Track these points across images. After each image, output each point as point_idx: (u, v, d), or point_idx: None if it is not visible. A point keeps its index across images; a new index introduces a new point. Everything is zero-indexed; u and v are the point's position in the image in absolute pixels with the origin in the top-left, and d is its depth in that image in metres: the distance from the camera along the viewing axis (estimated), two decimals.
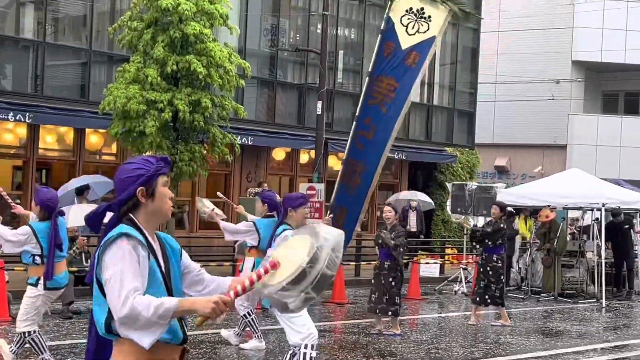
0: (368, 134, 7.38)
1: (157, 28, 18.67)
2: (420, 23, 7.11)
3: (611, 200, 20.43)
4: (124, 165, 3.94)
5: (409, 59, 7.09)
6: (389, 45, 7.17)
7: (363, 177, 7.52)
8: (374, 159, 7.42)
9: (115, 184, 3.94)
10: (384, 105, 7.22)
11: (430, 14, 7.14)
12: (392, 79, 7.11)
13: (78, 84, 22.37)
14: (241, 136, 22.85)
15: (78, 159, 22.22)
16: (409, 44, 7.10)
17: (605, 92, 41.03)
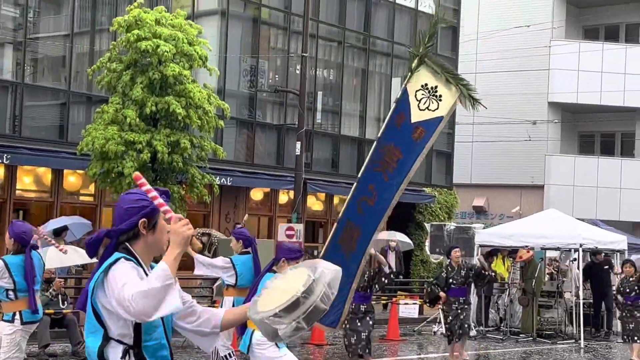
0: (370, 200, 7.42)
1: (136, 69, 18.73)
2: (431, 100, 7.24)
3: (588, 240, 20.52)
4: (127, 195, 3.94)
5: (415, 133, 7.19)
6: (400, 116, 7.28)
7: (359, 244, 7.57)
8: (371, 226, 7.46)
9: (116, 212, 3.92)
10: (386, 174, 7.27)
11: (442, 93, 7.28)
12: (398, 150, 7.20)
13: (57, 125, 22.35)
14: (220, 177, 22.86)
15: (56, 200, 22.12)
16: (417, 118, 7.21)
17: (582, 133, 41.38)
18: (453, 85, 7.36)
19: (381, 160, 7.43)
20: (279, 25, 27.37)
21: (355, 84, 29.82)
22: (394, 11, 30.38)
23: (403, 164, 7.38)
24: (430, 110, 7.39)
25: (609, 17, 40.22)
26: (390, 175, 7.40)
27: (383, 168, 7.44)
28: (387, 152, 7.38)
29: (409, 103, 7.37)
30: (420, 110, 7.33)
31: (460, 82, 7.45)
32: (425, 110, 7.36)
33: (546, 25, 37.45)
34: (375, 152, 7.49)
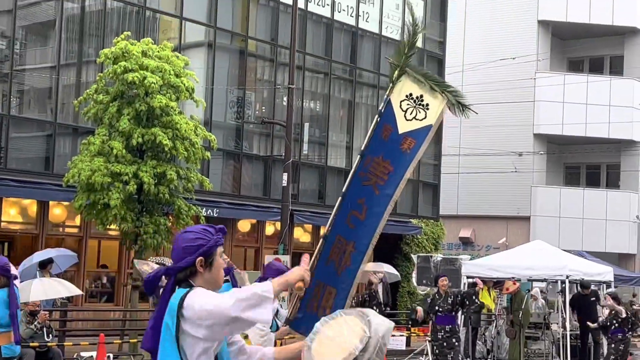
0: (360, 214, 7.34)
1: (123, 101, 18.73)
2: (418, 110, 7.20)
3: (575, 272, 20.53)
4: (184, 234, 4.03)
5: (405, 144, 7.14)
6: (387, 128, 7.23)
7: (353, 258, 7.47)
8: (365, 240, 7.39)
9: (174, 250, 4.00)
10: (377, 187, 7.21)
11: (428, 102, 7.24)
12: (387, 162, 7.14)
13: (42, 157, 22.28)
14: (206, 208, 22.81)
15: (41, 232, 22.00)
16: (405, 129, 7.16)
17: (567, 164, 41.57)
18: (439, 93, 7.34)
19: (369, 173, 7.40)
20: (266, 57, 27.47)
21: (342, 115, 29.90)
22: (380, 43, 30.55)
23: (393, 176, 7.35)
24: (418, 120, 7.36)
25: (593, 49, 40.57)
26: (380, 188, 7.37)
27: (373, 181, 7.40)
28: (376, 165, 7.34)
29: (394, 114, 7.33)
30: (407, 120, 7.30)
31: (446, 88, 7.44)
32: (413, 120, 7.33)
33: (531, 57, 37.73)
34: (361, 165, 7.45)
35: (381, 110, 7.38)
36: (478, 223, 38.78)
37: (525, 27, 38.63)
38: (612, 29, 38.99)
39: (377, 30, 30.36)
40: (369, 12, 30.14)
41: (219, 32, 25.71)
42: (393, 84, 7.32)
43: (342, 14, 29.19)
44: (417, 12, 31.93)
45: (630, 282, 26.85)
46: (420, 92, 7.29)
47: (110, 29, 23.11)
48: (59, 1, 22.43)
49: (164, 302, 3.87)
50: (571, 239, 35.65)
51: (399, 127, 7.27)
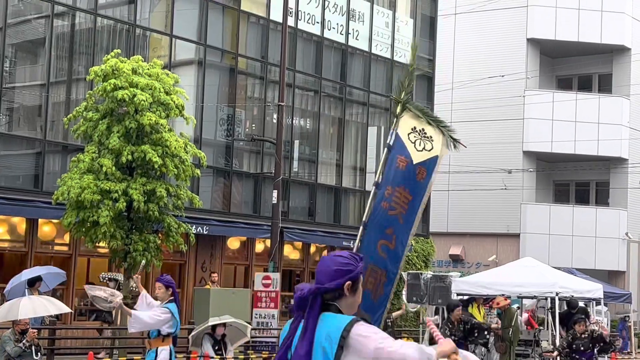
0: (390, 244, 7.54)
1: (113, 118, 18.72)
2: (425, 142, 7.45)
3: (565, 289, 20.57)
4: (335, 257, 4.19)
5: (419, 174, 7.36)
6: (402, 159, 7.44)
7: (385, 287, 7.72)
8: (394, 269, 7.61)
9: (323, 271, 4.15)
10: (401, 217, 7.42)
11: (431, 134, 7.50)
12: (407, 192, 7.34)
13: (32, 174, 22.22)
14: (196, 225, 22.78)
15: (30, 250, 21.91)
16: (419, 159, 7.40)
17: (557, 181, 41.68)
18: (435, 127, 7.56)
19: (394, 203, 7.54)
20: (256, 74, 27.51)
21: (332, 133, 29.94)
22: (369, 61, 30.64)
23: (413, 205, 7.53)
24: (427, 151, 7.59)
25: (582, 67, 40.78)
26: (404, 217, 7.56)
27: (398, 211, 7.56)
28: (399, 196, 7.50)
29: (405, 146, 7.53)
30: (418, 151, 7.51)
31: (439, 124, 7.65)
32: (423, 151, 7.55)
33: (520, 75, 37.90)
34: (382, 196, 7.58)
35: (390, 143, 7.56)
36: (468, 240, 38.81)
37: (515, 45, 38.82)
38: (601, 47, 39.20)
39: (366, 48, 30.47)
40: (359, 30, 30.25)
41: (209, 49, 25.75)
42: (397, 119, 7.52)
43: (332, 31, 29.29)
44: (407, 31, 32.08)
45: (620, 299, 26.86)
46: (422, 126, 7.54)
47: (100, 47, 23.12)
48: (49, 19, 22.45)
49: (313, 321, 4.02)
50: (561, 256, 35.69)
51: (412, 158, 7.48)
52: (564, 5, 38.35)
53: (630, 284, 37.87)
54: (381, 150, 31.40)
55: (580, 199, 40.83)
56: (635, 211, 39.00)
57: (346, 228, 29.20)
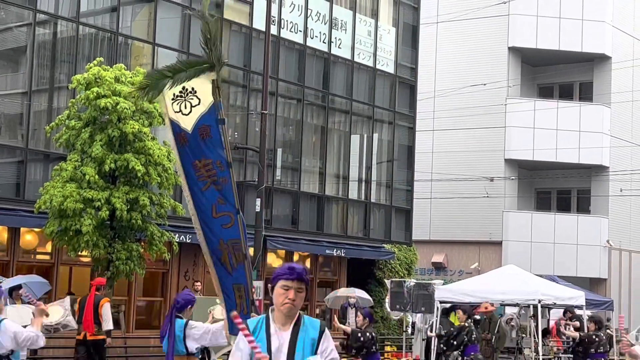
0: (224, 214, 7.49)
1: (95, 127, 18.67)
2: (188, 100, 7.15)
3: (547, 296, 20.64)
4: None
5: (202, 134, 7.15)
6: (181, 136, 7.22)
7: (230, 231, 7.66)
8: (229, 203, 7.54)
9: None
10: (215, 184, 7.32)
11: (192, 85, 7.17)
12: (204, 159, 7.20)
13: (13, 183, 22.12)
14: (179, 234, 22.71)
15: (12, 259, 21.79)
16: (192, 123, 7.15)
17: (538, 189, 41.86)
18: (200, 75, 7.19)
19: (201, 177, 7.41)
20: (239, 82, 27.51)
21: (315, 141, 29.97)
22: (352, 69, 30.71)
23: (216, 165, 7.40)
24: (195, 107, 7.24)
25: (563, 75, 41.04)
26: (218, 183, 7.46)
27: (211, 181, 7.42)
28: (201, 168, 7.36)
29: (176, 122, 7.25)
30: (185, 115, 7.21)
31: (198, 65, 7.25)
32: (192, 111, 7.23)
33: (502, 83, 38.10)
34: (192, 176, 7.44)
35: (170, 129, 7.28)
36: (450, 248, 38.91)
37: (496, 54, 39.01)
38: (582, 56, 39.46)
39: (349, 56, 30.53)
40: (341, 39, 30.32)
41: (191, 58, 25.70)
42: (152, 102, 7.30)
43: (314, 40, 29.34)
44: (389, 39, 32.18)
45: (602, 306, 26.97)
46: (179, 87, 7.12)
47: (83, 55, 23.06)
48: (31, 27, 22.38)
49: None
50: (543, 264, 35.83)
51: (186, 127, 7.17)
52: (545, 14, 38.59)
53: (611, 291, 38.06)
54: (364, 158, 31.51)
55: (562, 206, 41.03)
56: (617, 218, 39.24)
57: (329, 236, 29.23)
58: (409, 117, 33.13)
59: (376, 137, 31.80)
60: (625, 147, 39.55)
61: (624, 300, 38.93)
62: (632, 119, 40.43)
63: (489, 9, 37.87)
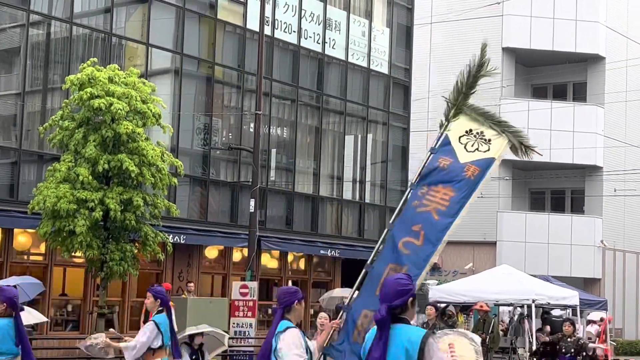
0: (417, 240, 7.54)
1: (89, 127, 18.64)
2: (480, 143, 7.49)
3: (541, 296, 20.69)
4: (397, 279, 5.32)
5: (468, 171, 7.39)
6: (443, 159, 7.47)
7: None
8: (415, 268, 7.58)
9: (388, 292, 5.23)
10: (436, 212, 7.39)
11: (490, 137, 7.51)
12: (448, 189, 7.37)
13: (7, 184, 22.08)
14: (173, 234, 22.70)
15: (5, 260, 21.75)
16: (468, 159, 7.44)
17: (532, 189, 41.90)
18: (499, 133, 7.57)
19: (426, 200, 7.52)
20: (233, 83, 27.51)
21: (309, 142, 29.97)
22: (346, 70, 30.72)
23: (454, 202, 7.51)
24: (481, 152, 7.61)
25: (557, 76, 41.09)
26: (440, 213, 7.51)
27: (431, 207, 7.51)
28: (434, 193, 7.51)
29: (452, 149, 7.58)
30: (468, 152, 7.56)
31: (507, 129, 7.68)
32: (475, 152, 7.59)
33: (496, 84, 38.11)
34: (414, 196, 7.56)
35: (434, 147, 7.57)
36: (445, 248, 38.73)
37: (490, 54, 38.59)
38: (575, 56, 39.52)
39: (343, 57, 30.55)
40: (335, 39, 30.33)
41: (185, 58, 25.73)
42: (448, 122, 7.55)
43: (308, 40, 29.34)
44: (383, 40, 32.20)
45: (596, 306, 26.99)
46: (481, 129, 7.55)
47: (76, 56, 23.03)
48: (24, 28, 22.34)
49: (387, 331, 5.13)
50: (537, 264, 35.87)
51: (459, 157, 7.48)
52: (538, 14, 38.64)
53: (605, 291, 38.11)
54: (358, 159, 31.51)
55: (556, 206, 41.08)
56: (610, 219, 39.30)
57: (323, 237, 29.23)
58: (403, 118, 33.15)
59: (370, 138, 31.82)
60: (619, 147, 39.61)
61: (618, 300, 39.00)
62: (626, 119, 40.50)
63: (483, 9, 37.88)
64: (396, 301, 5.19)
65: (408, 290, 5.27)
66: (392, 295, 5.22)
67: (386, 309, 5.17)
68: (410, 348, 5.11)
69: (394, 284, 5.28)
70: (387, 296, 5.23)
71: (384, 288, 5.28)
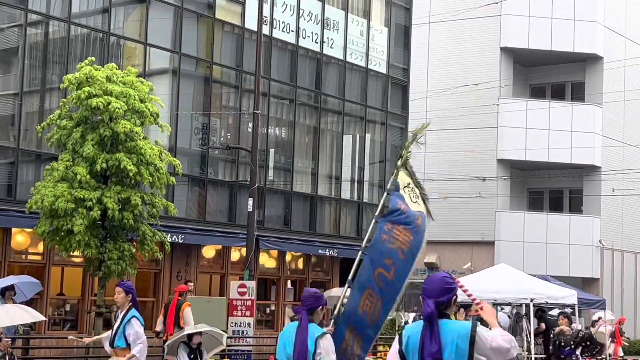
0: (388, 274, 7.93)
1: (87, 126, 18.63)
2: (416, 196, 8.11)
3: (539, 295, 20.68)
4: (442, 277, 5.64)
5: (418, 220, 7.91)
6: (402, 203, 8.01)
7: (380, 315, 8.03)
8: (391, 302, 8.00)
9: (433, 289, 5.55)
10: (401, 252, 7.78)
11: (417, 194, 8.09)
12: (408, 232, 7.84)
13: (5, 184, 22.06)
14: (171, 234, 22.69)
15: (3, 259, 21.73)
16: (414, 208, 7.95)
17: (531, 189, 41.90)
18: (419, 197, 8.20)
19: (393, 238, 7.96)
20: (231, 83, 27.50)
21: (307, 142, 29.97)
22: (344, 69, 30.72)
23: (411, 247, 7.98)
24: (418, 205, 8.18)
25: (555, 76, 41.10)
26: (405, 253, 7.93)
27: (397, 246, 7.98)
28: (398, 233, 7.94)
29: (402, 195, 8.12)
30: (412, 202, 8.22)
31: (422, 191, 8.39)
32: (416, 204, 8.13)
33: (494, 84, 38.13)
34: (381, 229, 7.98)
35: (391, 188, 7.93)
36: (443, 248, 38.91)
37: (488, 54, 39.05)
38: (573, 56, 39.53)
39: (341, 56, 30.55)
40: (334, 39, 30.33)
41: (183, 58, 25.72)
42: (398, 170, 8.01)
43: (306, 40, 29.34)
44: (381, 39, 32.19)
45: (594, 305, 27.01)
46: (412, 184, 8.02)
47: (74, 56, 23.02)
48: (22, 27, 22.33)
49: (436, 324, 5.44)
50: (535, 264, 35.86)
51: (410, 205, 7.90)
52: (537, 14, 38.65)
53: (604, 291, 38.13)
54: (356, 158, 31.51)
55: (554, 206, 41.09)
56: (609, 218, 39.32)
57: (322, 236, 29.23)
58: (401, 118, 33.15)
59: (368, 138, 31.82)
60: (617, 147, 39.63)
61: (616, 299, 39.02)
62: (624, 119, 40.52)
63: (481, 9, 37.90)
64: (442, 298, 5.52)
65: (452, 288, 5.60)
66: (438, 292, 5.54)
67: (434, 304, 5.48)
68: (460, 342, 5.40)
69: (440, 282, 5.60)
70: (432, 292, 5.54)
71: (429, 285, 5.60)
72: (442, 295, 5.53)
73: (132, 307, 10.54)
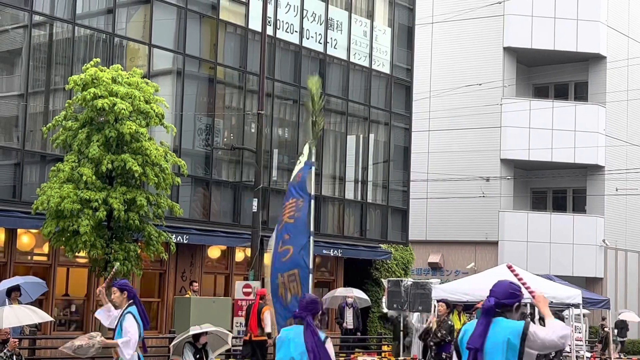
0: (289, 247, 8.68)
1: (92, 127, 18.68)
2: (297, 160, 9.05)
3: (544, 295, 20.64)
4: (511, 284, 6.01)
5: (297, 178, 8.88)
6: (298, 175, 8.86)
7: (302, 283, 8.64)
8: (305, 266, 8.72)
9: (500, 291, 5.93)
10: (293, 219, 8.66)
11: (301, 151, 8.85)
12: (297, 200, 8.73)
13: (10, 185, 22.12)
14: (176, 234, 22.73)
15: (9, 260, 21.79)
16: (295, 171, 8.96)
17: (534, 189, 41.94)
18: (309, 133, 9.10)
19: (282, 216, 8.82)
20: (235, 84, 27.54)
21: None
22: (348, 70, 30.76)
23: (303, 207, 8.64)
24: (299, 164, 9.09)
25: (558, 75, 41.13)
26: (295, 218, 8.65)
27: (289, 216, 8.69)
28: (290, 205, 8.71)
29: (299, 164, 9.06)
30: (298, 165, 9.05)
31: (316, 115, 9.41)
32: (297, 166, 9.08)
33: (497, 83, 38.17)
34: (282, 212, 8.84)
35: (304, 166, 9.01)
36: (447, 248, 38.96)
37: (491, 54, 39.09)
38: (577, 56, 39.56)
39: (345, 57, 30.59)
40: (337, 39, 30.37)
41: (187, 59, 25.77)
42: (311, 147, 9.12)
43: (310, 40, 29.39)
44: (385, 40, 32.23)
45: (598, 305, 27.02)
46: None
47: (78, 57, 23.07)
48: (27, 29, 22.38)
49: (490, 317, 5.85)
50: (539, 264, 35.88)
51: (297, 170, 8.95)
52: (540, 14, 38.68)
53: (607, 290, 38.15)
54: (360, 159, 31.55)
55: (558, 206, 41.11)
56: (612, 218, 39.34)
57: (325, 236, 29.25)
58: (404, 118, 33.19)
59: (372, 138, 31.85)
60: (621, 147, 39.66)
61: (620, 299, 39.04)
62: (627, 119, 40.55)
63: (484, 9, 37.96)
64: (504, 300, 5.93)
65: (517, 295, 6.00)
66: (502, 293, 5.94)
67: (494, 301, 5.89)
68: (512, 337, 5.77)
69: (506, 286, 6.01)
70: (497, 293, 5.95)
71: (496, 287, 6.04)
72: (505, 298, 5.91)
73: (131, 304, 10.57)
